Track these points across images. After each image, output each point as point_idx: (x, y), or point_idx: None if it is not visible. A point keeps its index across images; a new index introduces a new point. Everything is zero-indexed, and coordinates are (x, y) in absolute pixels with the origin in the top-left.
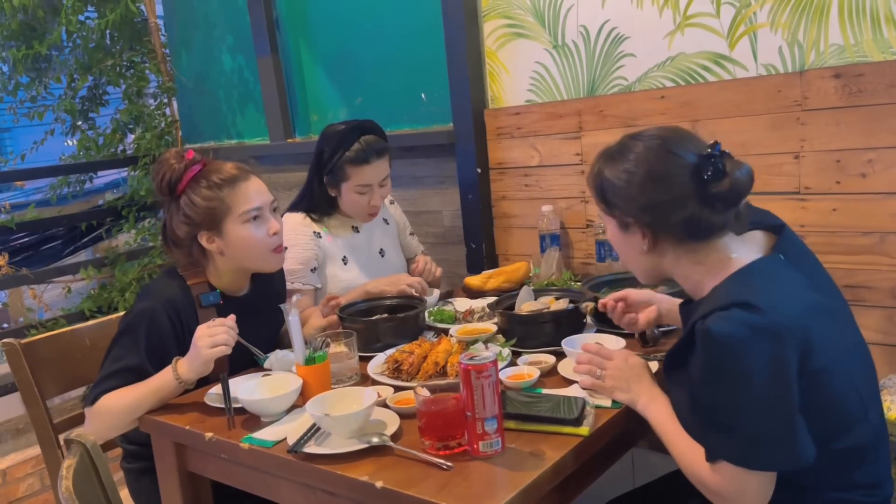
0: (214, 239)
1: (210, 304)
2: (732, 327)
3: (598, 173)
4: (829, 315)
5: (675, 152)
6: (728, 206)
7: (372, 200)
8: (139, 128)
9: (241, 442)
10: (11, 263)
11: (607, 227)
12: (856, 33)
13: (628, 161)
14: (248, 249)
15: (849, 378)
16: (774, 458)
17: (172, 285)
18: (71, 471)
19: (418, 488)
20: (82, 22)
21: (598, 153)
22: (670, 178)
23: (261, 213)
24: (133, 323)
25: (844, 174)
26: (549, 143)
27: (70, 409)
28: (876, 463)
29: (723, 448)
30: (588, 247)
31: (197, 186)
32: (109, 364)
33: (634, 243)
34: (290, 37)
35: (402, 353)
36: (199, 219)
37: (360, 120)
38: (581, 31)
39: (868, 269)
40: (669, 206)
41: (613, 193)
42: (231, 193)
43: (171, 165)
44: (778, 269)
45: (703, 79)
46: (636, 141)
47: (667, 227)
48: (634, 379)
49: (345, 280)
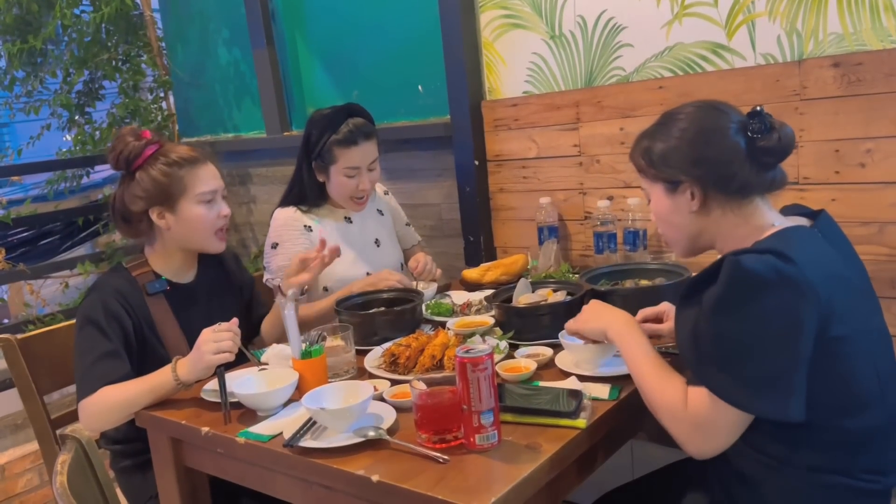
0: (165, 215)
1: (156, 291)
2: (763, 267)
3: (646, 143)
4: (859, 293)
5: (724, 110)
6: (777, 159)
7: (360, 184)
8: (135, 122)
9: (237, 436)
10: (8, 259)
11: (653, 196)
12: (854, 22)
13: (679, 121)
14: (196, 229)
15: (869, 357)
16: (756, 401)
17: (118, 278)
18: (66, 466)
19: (414, 482)
20: (77, 16)
21: (640, 133)
22: (722, 132)
23: (214, 196)
24: (89, 314)
25: (843, 164)
26: (547, 134)
27: (68, 404)
28: (885, 450)
29: (709, 376)
30: (586, 239)
31: (155, 163)
32: (83, 357)
33: (682, 205)
34: (286, 29)
35: (399, 347)
36: (155, 194)
37: (347, 103)
38: (578, 21)
39: (867, 259)
40: (721, 160)
41: (663, 155)
42: (189, 174)
43: (128, 142)
44: (815, 239)
45: (701, 69)
46: (681, 108)
47: (717, 183)
48: (606, 311)
49: (338, 273)
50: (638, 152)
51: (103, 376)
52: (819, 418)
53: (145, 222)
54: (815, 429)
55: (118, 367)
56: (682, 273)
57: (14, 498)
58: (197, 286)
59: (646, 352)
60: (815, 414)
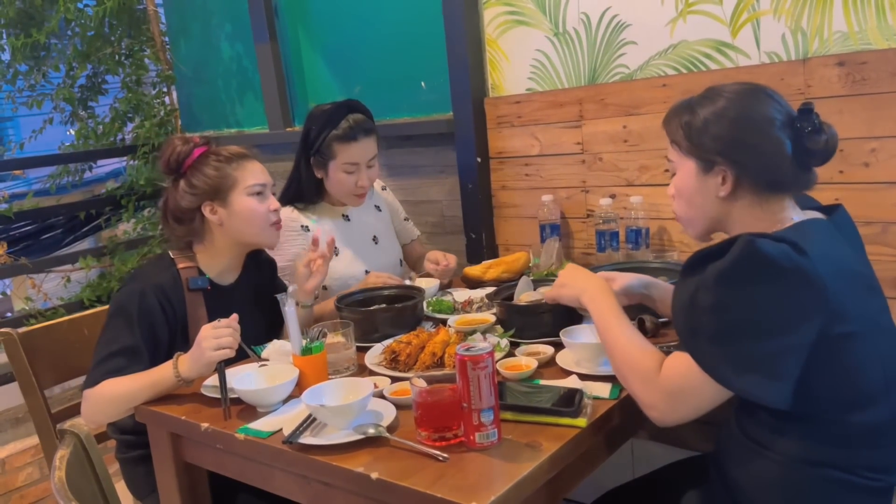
0: (217, 209)
1: (198, 287)
2: (777, 252)
3: (687, 113)
4: (869, 291)
5: (775, 97)
6: (819, 162)
7: (360, 181)
8: (138, 117)
9: (236, 432)
10: (11, 253)
11: (681, 171)
12: (860, 20)
13: (726, 99)
14: (250, 221)
15: (877, 353)
16: (738, 380)
17: (161, 269)
18: (64, 461)
19: (414, 479)
20: (81, 10)
21: (679, 102)
22: (770, 120)
23: (264, 189)
24: (124, 304)
25: (847, 163)
26: (550, 131)
27: (69, 398)
28: (889, 448)
29: (699, 348)
30: (588, 237)
31: (205, 161)
32: (105, 346)
33: (710, 187)
34: (289, 24)
35: (400, 344)
36: (207, 189)
37: (347, 99)
38: (582, 18)
39: (871, 258)
40: (764, 149)
41: (705, 130)
42: (238, 168)
43: (177, 146)
44: (831, 234)
45: (705, 67)
46: (730, 85)
47: (752, 172)
48: (581, 276)
49: (337, 271)
50: (676, 123)
51: (113, 370)
52: (823, 412)
53: (197, 219)
54: (819, 423)
55: (132, 364)
56: None
57: (14, 492)
58: (236, 290)
59: (619, 319)
60: (819, 408)
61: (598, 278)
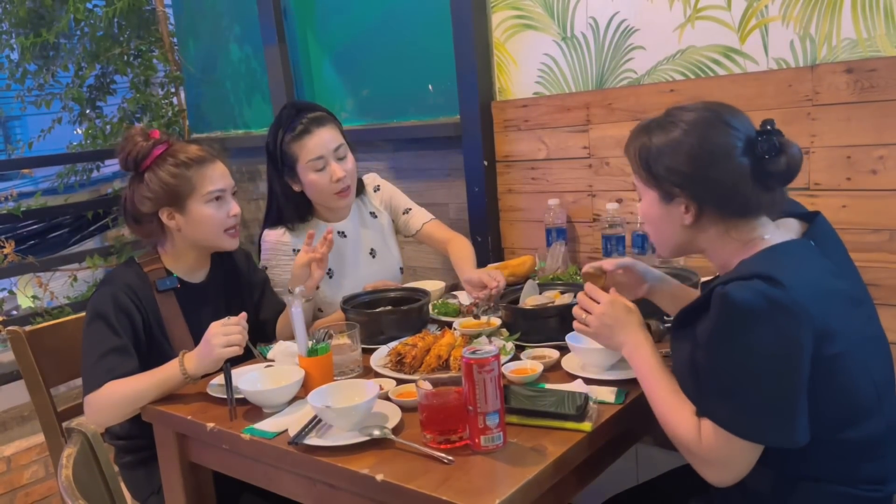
0: (175, 215)
1: (167, 288)
2: (751, 296)
3: (643, 142)
4: (852, 303)
5: (732, 125)
6: (782, 184)
7: (334, 175)
8: (146, 117)
9: (242, 433)
10: (18, 251)
11: (645, 198)
12: (869, 27)
13: (682, 130)
14: (207, 228)
15: (865, 368)
16: (764, 431)
17: (129, 272)
18: (71, 460)
19: (419, 482)
20: (90, 10)
21: (638, 125)
22: (728, 151)
23: (223, 195)
24: (99, 308)
25: (855, 170)
26: (557, 136)
27: (74, 397)
28: (885, 458)
29: (715, 410)
30: (594, 241)
31: (163, 164)
32: (91, 351)
33: (674, 216)
34: (298, 27)
35: (405, 346)
36: (164, 195)
37: (291, 101)
38: (590, 23)
39: (877, 266)
40: (723, 180)
41: (661, 163)
42: (197, 173)
43: (137, 142)
44: (806, 253)
45: (713, 72)
46: (686, 112)
47: (715, 201)
48: (619, 325)
49: (329, 295)
50: (634, 149)
51: (110, 371)
52: (820, 432)
53: (156, 223)
54: (816, 441)
55: (125, 362)
56: (691, 277)
57: (20, 489)
58: (208, 286)
59: (658, 376)
60: (817, 428)
61: (635, 324)
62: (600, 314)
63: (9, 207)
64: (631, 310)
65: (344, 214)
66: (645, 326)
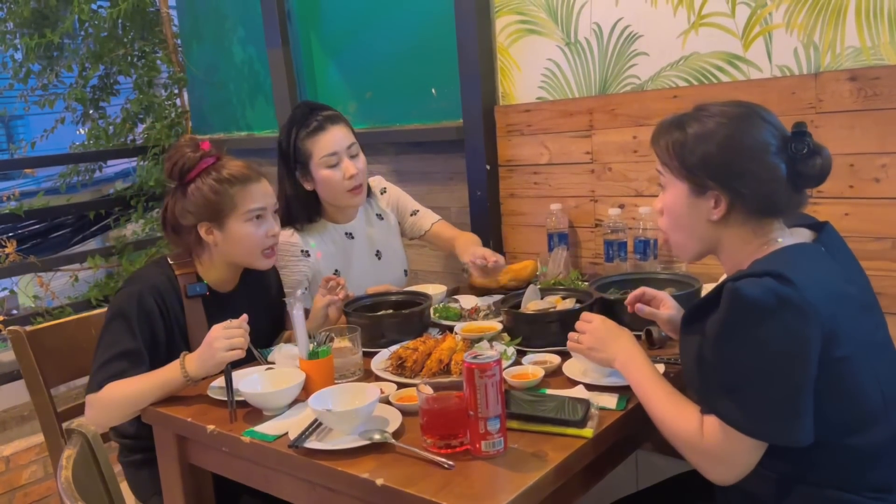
0: (213, 231)
1: (196, 294)
2: (761, 293)
3: (677, 132)
4: (862, 309)
5: (769, 120)
6: (813, 185)
7: (347, 171)
8: (149, 118)
9: (242, 435)
10: (20, 251)
11: (671, 191)
12: (873, 35)
13: (719, 122)
14: (244, 247)
15: (873, 374)
16: (768, 429)
17: (159, 273)
18: (71, 461)
19: (419, 486)
20: (94, 11)
21: (666, 119)
22: (765, 146)
23: (264, 213)
24: (122, 307)
25: (858, 178)
26: (560, 140)
27: (74, 397)
28: (891, 467)
29: (719, 406)
30: (596, 246)
31: (207, 178)
32: (105, 350)
33: (702, 211)
34: (301, 29)
35: (406, 350)
36: (204, 210)
37: (303, 101)
38: (594, 28)
39: (880, 274)
40: (760, 175)
41: (697, 153)
42: (240, 191)
43: (185, 153)
44: (817, 256)
45: (716, 79)
46: (720, 106)
47: (748, 197)
48: (610, 339)
49: None
50: (665, 143)
51: (116, 374)
52: (825, 436)
53: (194, 235)
54: (821, 447)
55: (135, 366)
56: (693, 283)
57: (18, 489)
58: (236, 297)
59: (654, 381)
60: (822, 432)
61: (626, 339)
62: (593, 329)
63: (11, 207)
64: (622, 327)
65: (352, 216)
66: (636, 342)
